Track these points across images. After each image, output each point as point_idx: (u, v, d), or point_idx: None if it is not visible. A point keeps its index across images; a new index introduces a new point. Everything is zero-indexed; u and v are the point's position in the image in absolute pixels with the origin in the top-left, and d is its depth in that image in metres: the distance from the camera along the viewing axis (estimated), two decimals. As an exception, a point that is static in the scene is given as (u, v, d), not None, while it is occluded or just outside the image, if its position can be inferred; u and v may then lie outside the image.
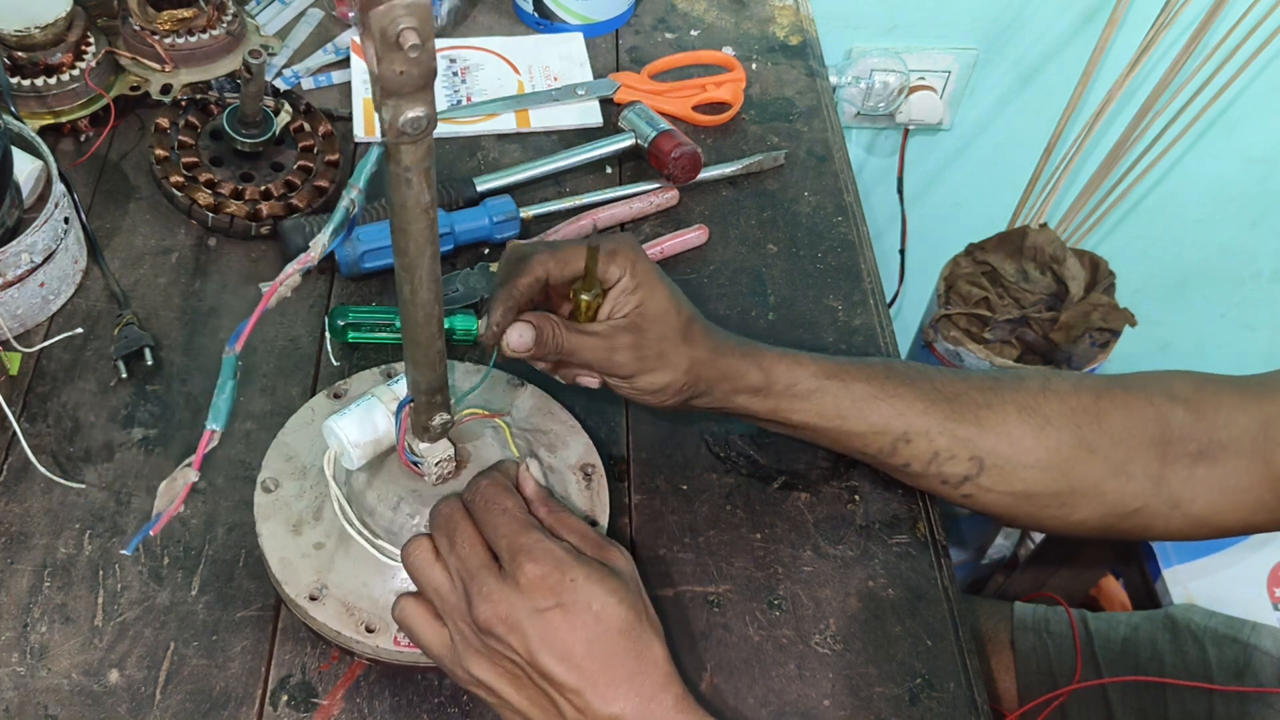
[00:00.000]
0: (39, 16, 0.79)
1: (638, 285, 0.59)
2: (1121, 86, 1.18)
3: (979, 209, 1.41)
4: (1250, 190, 1.38)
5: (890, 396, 0.61)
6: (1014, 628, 0.90)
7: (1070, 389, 0.62)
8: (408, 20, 0.36)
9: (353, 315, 0.71)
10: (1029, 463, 0.61)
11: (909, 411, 0.61)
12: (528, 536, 0.50)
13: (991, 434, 0.61)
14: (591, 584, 0.49)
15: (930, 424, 0.61)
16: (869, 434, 0.62)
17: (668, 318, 0.59)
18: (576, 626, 0.48)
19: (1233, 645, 0.86)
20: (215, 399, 0.43)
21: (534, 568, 0.48)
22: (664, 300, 0.59)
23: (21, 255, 0.69)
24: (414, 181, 0.41)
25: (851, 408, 0.61)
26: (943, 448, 0.61)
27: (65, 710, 0.56)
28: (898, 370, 0.62)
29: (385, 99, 0.38)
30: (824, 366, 0.62)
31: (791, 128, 0.91)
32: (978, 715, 0.59)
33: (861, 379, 0.61)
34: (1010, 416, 0.61)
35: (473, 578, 0.49)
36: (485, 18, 0.99)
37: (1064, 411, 0.61)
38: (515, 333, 0.56)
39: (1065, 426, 0.60)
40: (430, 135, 0.40)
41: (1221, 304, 1.54)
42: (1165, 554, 1.04)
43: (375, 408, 0.56)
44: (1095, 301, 1.19)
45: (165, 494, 0.45)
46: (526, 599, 0.48)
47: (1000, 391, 0.61)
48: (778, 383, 0.61)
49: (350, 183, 0.41)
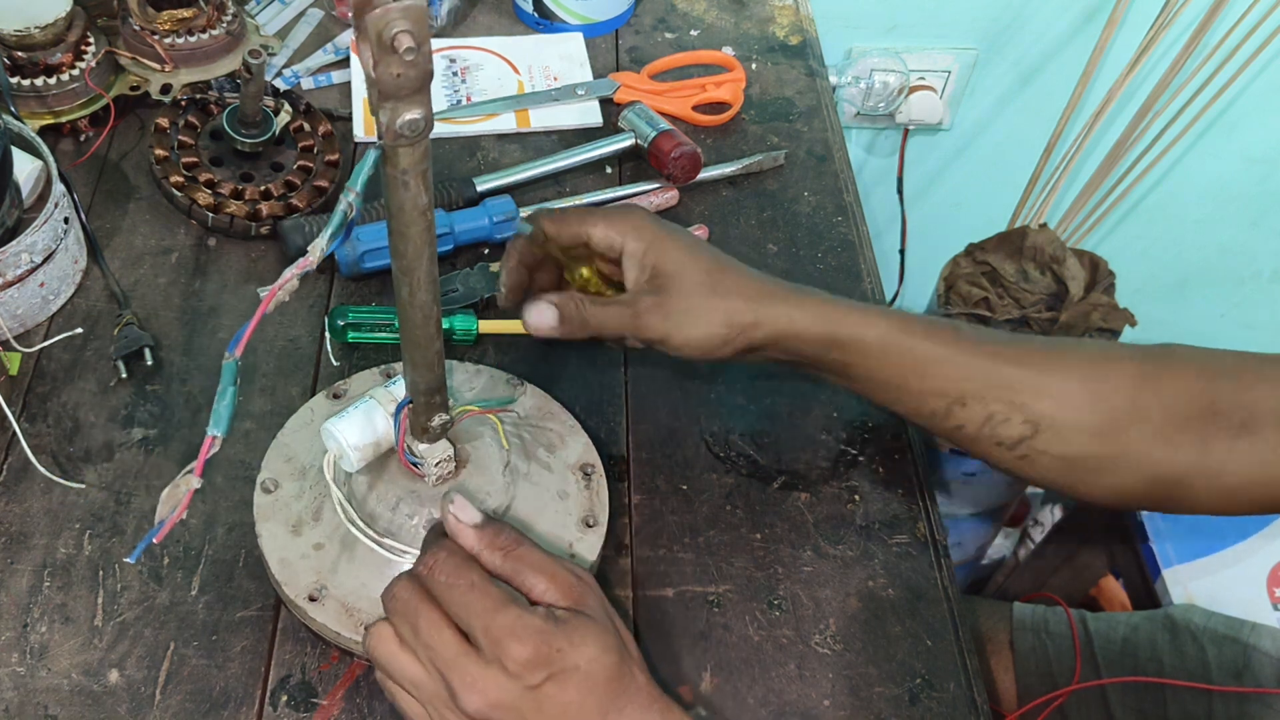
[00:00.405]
0: (39, 16, 0.79)
1: (646, 247, 0.58)
2: (1121, 86, 1.18)
3: (979, 209, 1.41)
4: (1250, 190, 1.38)
5: (952, 359, 0.60)
6: (1013, 628, 0.90)
7: (1128, 356, 0.61)
8: (403, 24, 0.35)
9: (352, 315, 0.71)
10: (1084, 426, 0.60)
11: (968, 373, 0.60)
12: (505, 615, 0.47)
13: (1051, 398, 0.60)
14: (575, 647, 0.48)
15: (988, 388, 0.60)
16: (926, 394, 0.61)
17: (687, 273, 0.58)
18: (569, 690, 0.48)
19: (1232, 646, 0.86)
20: (216, 405, 0.43)
21: (520, 650, 0.47)
22: (679, 256, 0.58)
23: (21, 255, 0.69)
24: (411, 184, 0.41)
25: (913, 368, 0.60)
26: (997, 411, 0.60)
27: (65, 710, 0.56)
28: (964, 332, 0.61)
29: (382, 102, 0.38)
30: (892, 323, 0.60)
31: (791, 128, 0.91)
32: (977, 715, 0.59)
33: (928, 339, 0.60)
34: (1072, 381, 0.60)
35: (451, 668, 0.48)
36: (485, 18, 0.99)
37: (1123, 377, 0.60)
38: (535, 313, 0.57)
39: (1123, 392, 0.60)
40: (427, 137, 0.40)
41: (1221, 304, 1.54)
42: (1165, 554, 1.04)
43: (374, 410, 0.56)
44: (1095, 301, 1.19)
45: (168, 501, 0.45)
46: (517, 681, 0.47)
47: (1064, 356, 0.61)
48: (844, 337, 0.60)
49: (348, 185, 0.41)
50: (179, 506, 0.44)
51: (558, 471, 0.62)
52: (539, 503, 0.60)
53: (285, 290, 0.42)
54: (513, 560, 0.51)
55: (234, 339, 0.43)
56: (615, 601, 0.61)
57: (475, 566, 0.50)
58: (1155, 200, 1.39)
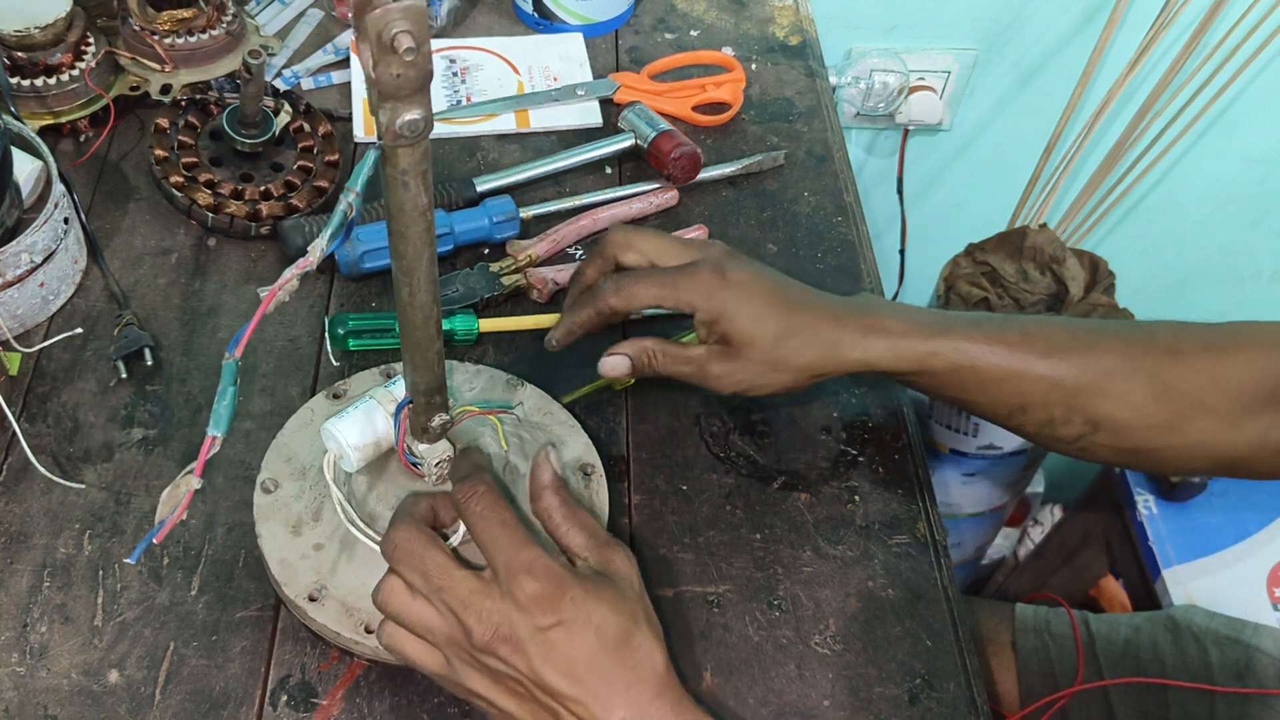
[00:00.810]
0: (39, 16, 0.79)
1: (716, 317, 0.59)
2: (1121, 86, 1.18)
3: (979, 209, 1.41)
4: (1250, 190, 1.38)
5: (1017, 377, 0.60)
6: (1015, 629, 0.90)
7: (1199, 348, 0.61)
8: (402, 24, 0.35)
9: (353, 323, 0.71)
10: (1149, 425, 0.61)
11: (1036, 387, 0.60)
12: (529, 552, 0.49)
13: (1112, 400, 0.60)
14: (589, 599, 0.49)
15: (1051, 397, 0.60)
16: (988, 404, 0.62)
17: (757, 341, 0.59)
18: (578, 642, 0.48)
19: (1234, 646, 0.86)
20: (216, 405, 0.43)
21: (535, 585, 0.48)
22: (747, 324, 0.59)
23: (21, 255, 0.69)
24: (411, 184, 0.41)
25: (978, 386, 0.61)
26: (1059, 415, 0.61)
27: (65, 710, 0.56)
28: (1034, 341, 0.61)
29: (382, 102, 0.38)
30: (956, 346, 0.60)
31: (791, 128, 0.91)
32: (977, 716, 0.59)
33: (994, 356, 0.60)
34: (1136, 383, 0.60)
35: (465, 605, 0.49)
36: (485, 18, 0.99)
37: (1190, 375, 0.60)
38: (610, 365, 0.60)
39: (1188, 391, 0.60)
40: (427, 138, 0.40)
41: (1221, 304, 1.54)
42: (1165, 554, 1.04)
43: (374, 410, 0.56)
44: (1095, 302, 1.19)
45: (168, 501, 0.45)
46: (527, 616, 0.48)
47: (1131, 359, 0.60)
48: (907, 359, 0.60)
49: (348, 186, 0.41)
50: (179, 507, 0.44)
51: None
52: (539, 503, 0.60)
53: (285, 290, 0.42)
54: (569, 509, 0.53)
55: (234, 339, 0.43)
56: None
57: (509, 508, 0.51)
58: (1155, 200, 1.39)
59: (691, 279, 0.60)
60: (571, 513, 0.53)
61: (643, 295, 0.61)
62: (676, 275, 0.61)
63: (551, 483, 0.54)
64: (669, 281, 0.61)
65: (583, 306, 0.63)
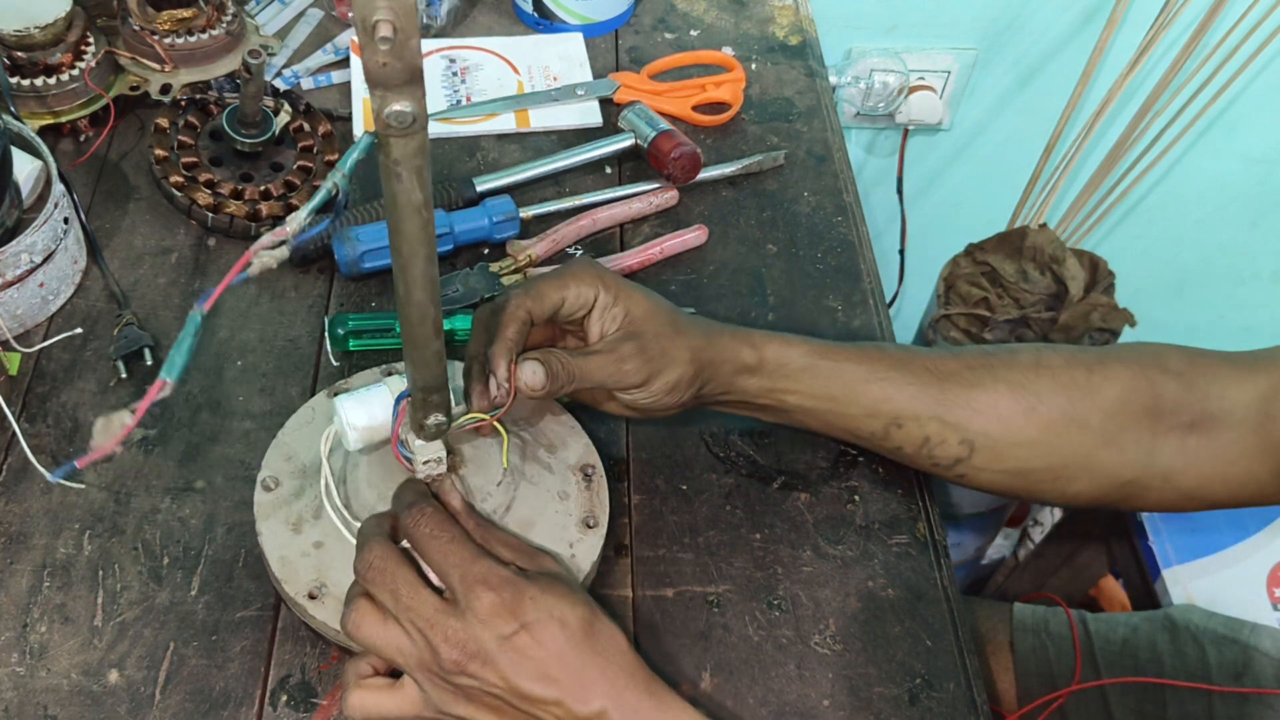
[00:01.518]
0: (39, 16, 0.79)
1: (615, 297, 0.60)
2: (1121, 86, 1.18)
3: (979, 209, 1.41)
4: (1250, 190, 1.38)
5: (880, 379, 0.61)
6: (1013, 628, 0.90)
7: (1063, 363, 0.62)
8: (385, 13, 0.36)
9: (353, 323, 0.71)
10: (1020, 441, 0.61)
11: (900, 395, 0.61)
12: (479, 565, 0.49)
13: (982, 416, 0.61)
14: (547, 595, 0.49)
15: (920, 408, 0.61)
16: (861, 416, 0.62)
17: (656, 315, 0.60)
18: (545, 641, 0.48)
19: (1232, 646, 0.86)
20: (172, 353, 0.44)
21: (491, 595, 0.48)
22: (644, 302, 0.60)
23: (21, 255, 0.69)
24: (404, 177, 0.41)
25: (843, 389, 0.62)
26: (933, 433, 0.61)
27: (65, 710, 0.56)
28: (890, 352, 0.63)
29: (372, 89, 0.39)
30: (815, 347, 0.62)
31: (791, 128, 0.91)
32: (977, 715, 0.59)
33: (852, 360, 0.62)
34: (1001, 396, 0.61)
35: (431, 625, 0.49)
36: (485, 18, 0.99)
37: (1055, 388, 0.61)
38: (528, 371, 0.57)
39: (1057, 403, 0.61)
40: (420, 133, 0.40)
41: (1221, 304, 1.54)
42: (1165, 554, 1.04)
43: (385, 396, 0.56)
44: (1095, 302, 1.19)
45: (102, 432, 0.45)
46: (490, 628, 0.48)
47: (992, 370, 0.62)
48: (769, 360, 0.62)
49: (336, 167, 0.42)
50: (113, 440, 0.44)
51: (558, 472, 0.62)
52: (539, 503, 0.60)
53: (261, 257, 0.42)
54: (485, 529, 0.55)
55: (204, 295, 0.44)
56: (615, 601, 0.62)
57: (454, 522, 0.52)
58: (1155, 200, 1.39)
59: (584, 270, 0.60)
60: (490, 532, 0.54)
61: (554, 291, 0.59)
62: (569, 270, 0.60)
63: (462, 508, 0.55)
64: (570, 274, 0.60)
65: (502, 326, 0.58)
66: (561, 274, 0.60)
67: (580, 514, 0.61)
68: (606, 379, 0.59)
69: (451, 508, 0.55)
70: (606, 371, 0.59)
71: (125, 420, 0.44)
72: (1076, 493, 0.63)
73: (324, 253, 0.77)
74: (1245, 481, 0.61)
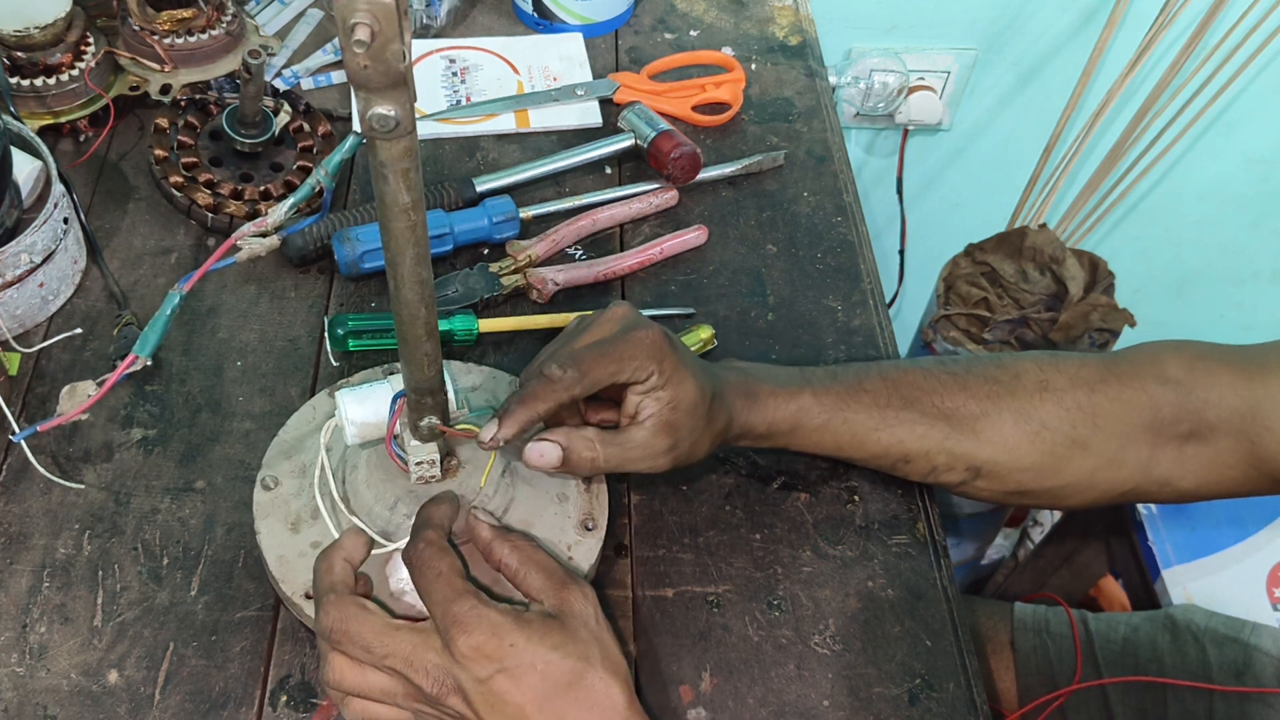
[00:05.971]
0: (38, 16, 0.79)
1: (667, 382, 0.56)
2: (1121, 86, 1.18)
3: (978, 209, 1.41)
4: (1250, 190, 1.38)
5: (891, 425, 0.62)
6: (1014, 628, 0.90)
7: (1067, 384, 0.62)
8: (363, 15, 0.35)
9: (352, 323, 0.71)
10: (1024, 466, 0.62)
11: (909, 436, 0.62)
12: (460, 605, 0.48)
13: (988, 445, 0.62)
14: (532, 644, 0.48)
15: (929, 445, 0.62)
16: (869, 459, 0.64)
17: (697, 409, 0.57)
18: (524, 688, 0.48)
19: (1233, 646, 0.86)
20: (146, 331, 0.44)
21: (466, 639, 0.48)
22: (692, 392, 0.57)
23: (21, 255, 0.69)
24: (390, 179, 0.41)
25: (851, 439, 0.63)
26: (941, 463, 0.63)
27: (64, 711, 0.56)
28: (899, 391, 0.62)
29: (356, 90, 0.38)
30: (824, 401, 0.62)
31: (791, 128, 0.91)
32: (977, 715, 0.59)
33: (863, 409, 0.62)
34: (1007, 425, 0.62)
35: (410, 665, 0.49)
36: (485, 18, 0.99)
37: (1059, 414, 0.62)
38: (537, 451, 0.55)
39: (1060, 429, 0.62)
40: (406, 137, 0.40)
41: (1221, 304, 1.54)
42: (1165, 554, 1.04)
43: (386, 393, 0.56)
44: (1094, 302, 1.19)
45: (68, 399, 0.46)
46: (466, 670, 0.48)
47: (997, 399, 0.62)
48: (780, 425, 0.62)
49: (320, 165, 0.42)
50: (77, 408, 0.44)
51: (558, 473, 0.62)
52: (538, 505, 0.60)
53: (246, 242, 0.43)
54: (521, 552, 0.53)
55: (185, 277, 0.45)
56: (615, 601, 0.61)
57: (450, 558, 0.51)
58: (1155, 200, 1.39)
59: (651, 342, 0.56)
60: (525, 557, 0.52)
61: (601, 376, 0.55)
62: (625, 344, 0.56)
63: (494, 535, 0.53)
64: (622, 355, 0.55)
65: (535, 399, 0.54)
66: (618, 350, 0.55)
67: (579, 516, 0.61)
68: (636, 469, 0.58)
69: (479, 539, 0.54)
70: (634, 464, 0.57)
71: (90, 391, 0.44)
72: (1073, 505, 0.65)
73: (324, 253, 0.77)
74: (1240, 481, 0.62)
